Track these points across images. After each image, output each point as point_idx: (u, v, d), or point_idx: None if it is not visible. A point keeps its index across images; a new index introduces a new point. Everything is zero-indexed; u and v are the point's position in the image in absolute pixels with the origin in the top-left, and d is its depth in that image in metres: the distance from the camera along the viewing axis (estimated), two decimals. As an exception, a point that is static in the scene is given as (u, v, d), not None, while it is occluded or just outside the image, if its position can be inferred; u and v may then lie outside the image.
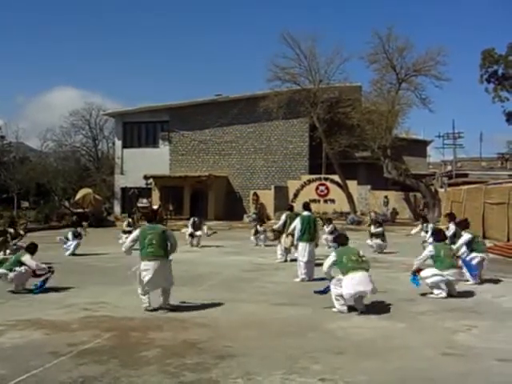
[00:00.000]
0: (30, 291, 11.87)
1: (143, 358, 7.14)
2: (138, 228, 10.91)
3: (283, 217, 17.27)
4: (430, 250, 11.88)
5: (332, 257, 10.39)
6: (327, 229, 21.49)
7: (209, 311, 10.00)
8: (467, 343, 7.91)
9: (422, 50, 38.68)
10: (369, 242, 19.95)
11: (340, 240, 11.12)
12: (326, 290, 10.55)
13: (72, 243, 19.38)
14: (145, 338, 8.15)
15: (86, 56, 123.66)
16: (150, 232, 10.22)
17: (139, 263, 10.08)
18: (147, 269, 9.93)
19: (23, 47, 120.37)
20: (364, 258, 10.37)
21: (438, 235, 12.54)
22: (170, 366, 6.79)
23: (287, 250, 17.12)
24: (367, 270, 10.12)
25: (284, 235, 16.87)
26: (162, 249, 10.16)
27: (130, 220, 24.86)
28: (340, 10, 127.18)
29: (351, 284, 9.74)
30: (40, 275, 12.23)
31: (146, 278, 9.90)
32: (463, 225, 14.47)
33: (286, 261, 17.17)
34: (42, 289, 11.93)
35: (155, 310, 9.97)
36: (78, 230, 20.30)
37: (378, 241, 19.84)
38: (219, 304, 10.57)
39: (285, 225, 16.85)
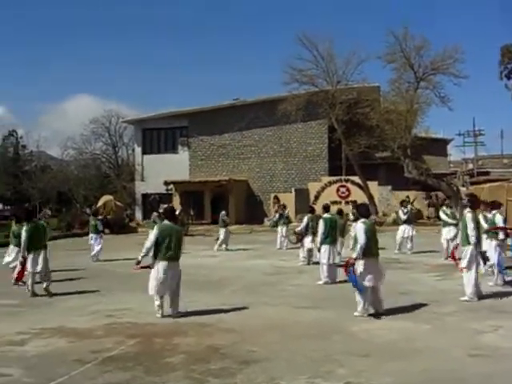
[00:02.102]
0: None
1: (168, 365, 7.15)
2: (156, 227, 10.67)
3: (305, 219, 17.30)
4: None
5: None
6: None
7: (232, 316, 9.99)
8: (494, 344, 7.83)
9: (440, 48, 38.33)
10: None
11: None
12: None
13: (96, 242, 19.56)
14: (169, 343, 8.16)
15: (101, 63, 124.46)
16: (169, 232, 10.17)
17: (155, 263, 10.05)
18: (165, 269, 9.92)
19: (41, 55, 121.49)
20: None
21: (475, 203, 12.20)
22: (194, 372, 6.80)
23: (310, 253, 17.09)
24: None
25: (306, 238, 16.89)
26: (179, 251, 10.18)
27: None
28: (356, 10, 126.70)
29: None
30: None
31: (162, 280, 9.90)
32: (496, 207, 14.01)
33: (308, 264, 17.13)
34: None
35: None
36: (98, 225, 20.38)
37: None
38: (242, 308, 10.57)
39: (307, 227, 16.87)
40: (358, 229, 9.92)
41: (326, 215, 14.46)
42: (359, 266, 9.64)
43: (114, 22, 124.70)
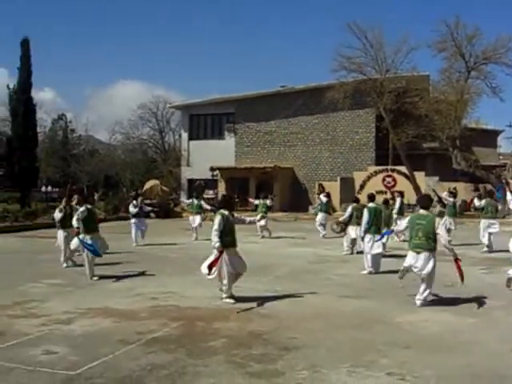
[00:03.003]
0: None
1: (210, 348, 7.21)
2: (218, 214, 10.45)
3: (349, 209, 17.15)
4: None
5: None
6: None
7: (274, 303, 10.01)
8: (540, 339, 7.67)
9: (492, 37, 37.61)
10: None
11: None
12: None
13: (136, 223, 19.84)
14: (211, 328, 8.23)
15: (147, 47, 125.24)
16: (229, 220, 10.29)
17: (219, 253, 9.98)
18: (230, 257, 10.02)
19: (91, 40, 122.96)
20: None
21: None
22: (236, 357, 6.84)
23: (354, 242, 17.01)
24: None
25: (350, 227, 16.79)
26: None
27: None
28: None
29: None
30: None
31: (231, 267, 10.00)
32: None
33: (352, 253, 17.04)
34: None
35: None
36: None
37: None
38: (284, 295, 10.58)
39: (351, 217, 16.78)
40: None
41: (370, 204, 14.35)
42: None
43: (164, 10, 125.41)
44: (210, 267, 9.93)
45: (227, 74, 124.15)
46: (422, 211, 10.18)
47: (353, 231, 16.66)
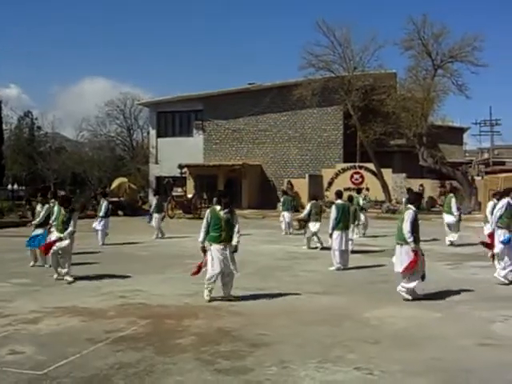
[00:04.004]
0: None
1: (178, 346, 7.21)
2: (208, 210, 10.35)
3: (308, 206, 17.93)
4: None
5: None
6: None
7: (243, 300, 10.03)
8: (504, 333, 7.82)
9: (459, 35, 38.02)
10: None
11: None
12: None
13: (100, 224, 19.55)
14: (180, 325, 8.22)
15: (114, 45, 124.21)
16: (219, 216, 10.03)
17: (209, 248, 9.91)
18: (218, 252, 9.88)
19: (57, 36, 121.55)
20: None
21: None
22: (204, 354, 6.84)
23: (315, 236, 17.57)
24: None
25: (310, 224, 17.46)
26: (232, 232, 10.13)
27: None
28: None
29: None
30: None
31: (217, 263, 9.84)
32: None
33: (316, 248, 17.48)
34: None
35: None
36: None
37: None
38: (253, 292, 10.60)
39: (309, 214, 17.54)
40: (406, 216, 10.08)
41: (338, 201, 14.47)
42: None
43: (129, 8, 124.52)
44: (199, 268, 10.04)
45: (195, 72, 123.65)
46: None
47: (312, 227, 17.37)
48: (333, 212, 14.19)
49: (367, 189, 25.61)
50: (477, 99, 66.00)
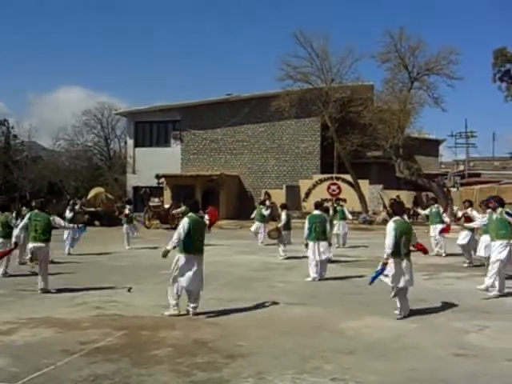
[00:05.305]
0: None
1: (154, 357, 7.16)
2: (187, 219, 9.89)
3: (283, 216, 18.61)
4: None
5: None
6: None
7: (220, 311, 9.99)
8: (479, 343, 7.87)
9: (435, 49, 38.48)
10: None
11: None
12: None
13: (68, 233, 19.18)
14: (156, 336, 8.17)
15: (91, 55, 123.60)
16: (197, 226, 9.84)
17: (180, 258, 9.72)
18: (189, 263, 9.64)
19: (33, 44, 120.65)
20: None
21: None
22: (181, 365, 6.80)
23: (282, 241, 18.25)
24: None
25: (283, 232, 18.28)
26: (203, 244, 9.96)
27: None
28: (351, 9, 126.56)
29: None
30: None
31: (187, 275, 9.58)
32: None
33: (288, 258, 17.86)
34: None
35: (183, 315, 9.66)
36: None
37: None
38: (229, 303, 10.58)
39: (288, 222, 18.56)
40: (388, 228, 9.79)
41: (315, 212, 14.52)
42: (390, 267, 9.59)
43: (106, 12, 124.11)
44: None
45: (172, 82, 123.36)
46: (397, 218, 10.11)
47: (286, 236, 18.39)
48: (306, 223, 14.27)
49: (344, 200, 25.84)
50: (452, 112, 66.99)
